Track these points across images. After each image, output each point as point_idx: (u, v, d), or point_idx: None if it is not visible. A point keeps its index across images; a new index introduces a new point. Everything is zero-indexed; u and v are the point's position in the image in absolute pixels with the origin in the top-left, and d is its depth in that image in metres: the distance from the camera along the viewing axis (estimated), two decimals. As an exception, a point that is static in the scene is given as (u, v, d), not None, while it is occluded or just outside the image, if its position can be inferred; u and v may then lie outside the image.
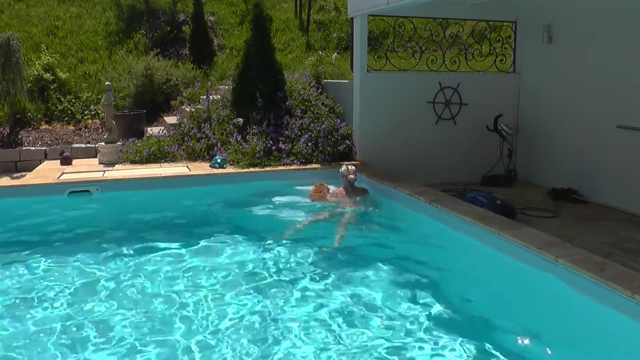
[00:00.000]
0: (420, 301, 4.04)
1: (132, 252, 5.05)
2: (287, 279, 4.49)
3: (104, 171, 7.22)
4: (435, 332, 3.59)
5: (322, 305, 4.01)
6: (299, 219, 6.05)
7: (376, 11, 7.54)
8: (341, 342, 3.50)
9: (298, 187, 6.91)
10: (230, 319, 3.79)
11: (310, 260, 4.91)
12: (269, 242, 5.29)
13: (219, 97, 8.89)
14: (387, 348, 3.41)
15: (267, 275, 4.57)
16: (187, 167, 7.49)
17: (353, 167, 6.45)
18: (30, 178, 6.99)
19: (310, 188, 6.73)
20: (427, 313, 3.85)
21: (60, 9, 13.48)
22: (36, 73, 10.32)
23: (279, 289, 4.31)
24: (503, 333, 3.63)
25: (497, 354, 3.39)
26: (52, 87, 10.44)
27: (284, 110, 8.22)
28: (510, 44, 8.37)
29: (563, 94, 7.37)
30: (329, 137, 7.85)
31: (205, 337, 3.57)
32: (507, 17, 8.30)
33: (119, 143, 8.00)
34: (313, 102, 8.45)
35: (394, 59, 8.55)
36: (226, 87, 9.54)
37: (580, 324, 3.67)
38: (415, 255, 5.05)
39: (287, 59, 12.01)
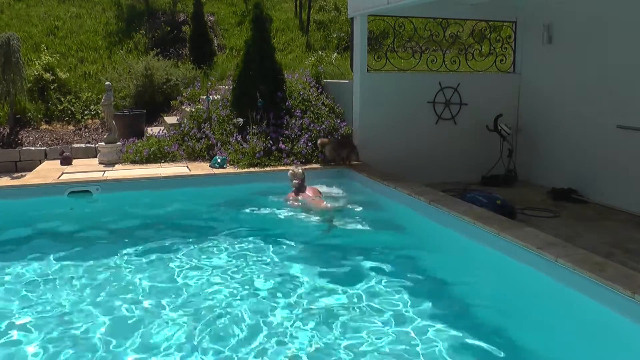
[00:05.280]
0: (420, 301, 4.03)
1: (132, 252, 5.05)
2: (286, 279, 4.49)
3: (104, 171, 7.22)
4: (434, 332, 3.59)
5: (321, 305, 4.01)
6: (300, 218, 6.07)
7: (376, 11, 7.54)
8: (341, 342, 3.50)
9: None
10: (229, 318, 3.79)
11: (309, 260, 4.92)
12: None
13: (219, 97, 8.90)
14: (386, 347, 3.41)
15: (266, 274, 4.57)
16: (187, 167, 7.49)
17: (300, 170, 6.39)
18: (30, 178, 7.00)
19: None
20: (426, 313, 3.85)
21: (60, 9, 13.49)
22: (36, 73, 10.33)
23: (278, 288, 4.30)
24: (502, 333, 3.63)
25: (497, 353, 3.39)
26: (52, 87, 10.44)
27: (284, 110, 8.23)
28: (510, 44, 8.37)
29: (563, 94, 7.37)
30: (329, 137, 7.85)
31: (205, 335, 3.58)
32: (507, 17, 8.30)
33: (119, 143, 8.00)
34: (313, 102, 8.45)
35: (394, 59, 8.55)
36: (226, 87, 9.55)
37: (580, 324, 3.67)
38: (415, 256, 5.05)
39: (287, 59, 12.01)
